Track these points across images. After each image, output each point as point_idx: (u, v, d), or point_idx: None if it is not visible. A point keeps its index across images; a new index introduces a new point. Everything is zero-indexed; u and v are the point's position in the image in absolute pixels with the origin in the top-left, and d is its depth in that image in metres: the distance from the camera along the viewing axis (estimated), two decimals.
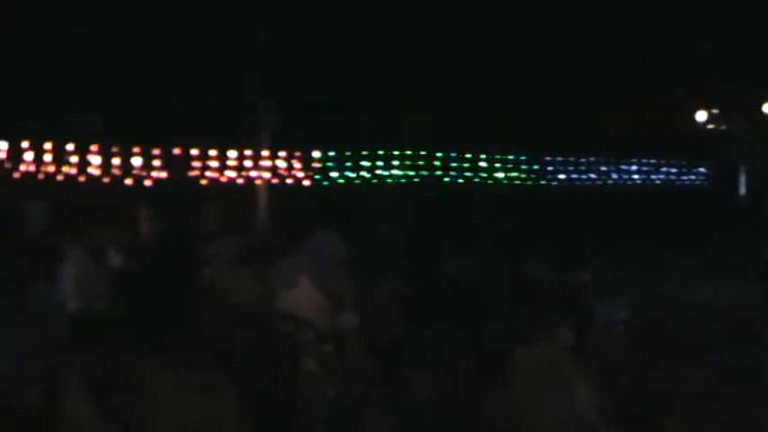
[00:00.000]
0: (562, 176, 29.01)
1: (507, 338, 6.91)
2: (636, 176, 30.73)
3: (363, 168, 25.23)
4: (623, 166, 30.32)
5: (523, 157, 27.83)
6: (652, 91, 27.08)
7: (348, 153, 24.85)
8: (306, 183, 24.40)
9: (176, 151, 23.16)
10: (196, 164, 23.39)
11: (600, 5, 23.92)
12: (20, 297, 9.56)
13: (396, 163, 25.52)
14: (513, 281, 9.54)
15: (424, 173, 26.01)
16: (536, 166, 28.28)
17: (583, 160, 29.32)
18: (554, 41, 24.92)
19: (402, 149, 25.46)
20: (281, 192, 23.34)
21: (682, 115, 28.05)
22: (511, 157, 27.54)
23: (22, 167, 21.76)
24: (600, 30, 24.66)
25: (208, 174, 23.46)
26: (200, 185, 23.11)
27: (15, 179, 21.39)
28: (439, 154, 26.20)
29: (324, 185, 24.55)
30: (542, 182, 28.39)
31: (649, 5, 24.79)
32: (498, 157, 27.23)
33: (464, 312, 8.34)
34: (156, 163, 22.90)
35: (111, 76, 21.10)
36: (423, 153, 25.88)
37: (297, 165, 24.37)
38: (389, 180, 25.28)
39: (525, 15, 23.39)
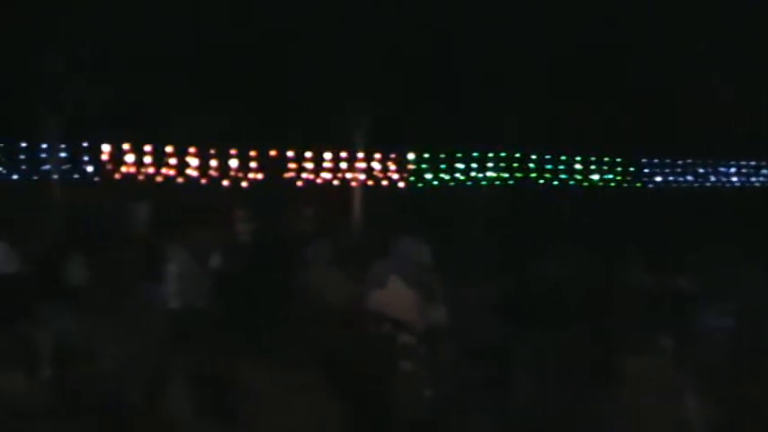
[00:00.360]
0: (658, 179, 28.45)
1: (609, 343, 6.77)
2: (734, 178, 29.99)
3: (458, 170, 25.23)
4: (721, 168, 29.63)
5: (619, 159, 27.40)
6: (751, 91, 26.38)
7: (442, 155, 24.87)
8: (400, 185, 24.50)
9: (272, 153, 23.44)
10: (292, 165, 23.61)
11: (700, 9, 23.42)
12: (124, 296, 9.71)
13: (490, 165, 25.40)
14: (610, 284, 9.35)
15: (519, 174, 25.90)
16: (632, 168, 27.80)
17: (680, 162, 28.74)
18: (649, 43, 24.47)
19: (496, 151, 25.34)
20: (376, 193, 23.32)
21: None
22: (606, 158, 27.16)
23: (124, 169, 22.29)
24: (698, 32, 24.15)
25: (304, 175, 23.65)
26: (297, 187, 23.27)
27: (119, 180, 21.92)
28: (534, 156, 26.08)
29: (418, 187, 24.56)
30: (638, 184, 27.90)
31: (754, 6, 24.14)
32: (594, 158, 26.89)
33: (561, 315, 8.19)
34: (253, 164, 23.21)
35: (206, 80, 21.37)
36: (517, 155, 25.75)
37: (392, 166, 24.47)
38: (484, 182, 25.19)
39: (615, 18, 22.98)
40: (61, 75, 19.01)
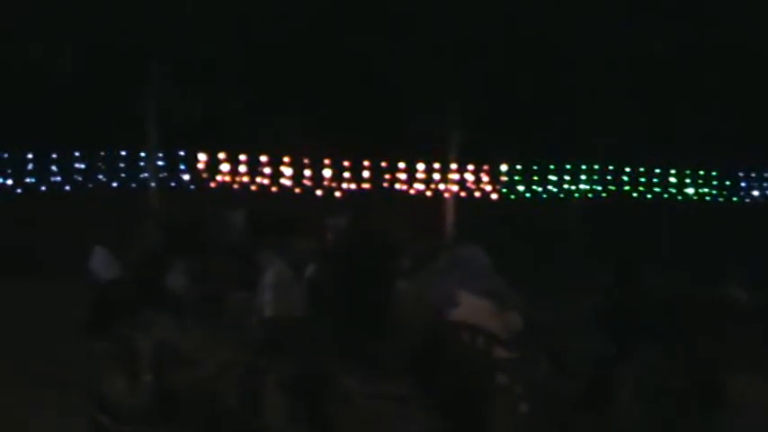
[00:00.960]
0: (756, 193, 27.65)
1: (714, 362, 6.53)
2: None
3: (551, 182, 24.98)
4: None
5: (715, 173, 26.74)
6: None
7: (535, 166, 24.64)
8: (493, 196, 24.35)
9: (365, 163, 23.55)
10: (386, 176, 23.71)
11: None
12: (221, 304, 9.81)
13: (583, 177, 25.07)
14: (707, 301, 9.05)
15: (612, 187, 25.47)
16: (728, 182, 27.09)
17: None
18: (749, 53, 23.82)
19: (590, 163, 25.00)
20: (468, 204, 23.25)
21: None
22: (701, 172, 26.53)
23: (219, 178, 22.63)
24: None
25: (397, 186, 23.70)
26: (390, 197, 23.33)
27: (213, 189, 22.26)
28: (627, 168, 25.63)
29: (511, 199, 24.35)
30: (735, 198, 27.17)
31: None
32: (689, 172, 26.30)
33: (658, 333, 7.96)
34: (347, 174, 23.36)
35: (307, 90, 21.60)
36: (611, 167, 25.34)
37: (484, 178, 24.34)
38: (576, 194, 24.86)
39: (707, 29, 22.40)
40: (160, 84, 19.39)
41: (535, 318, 7.48)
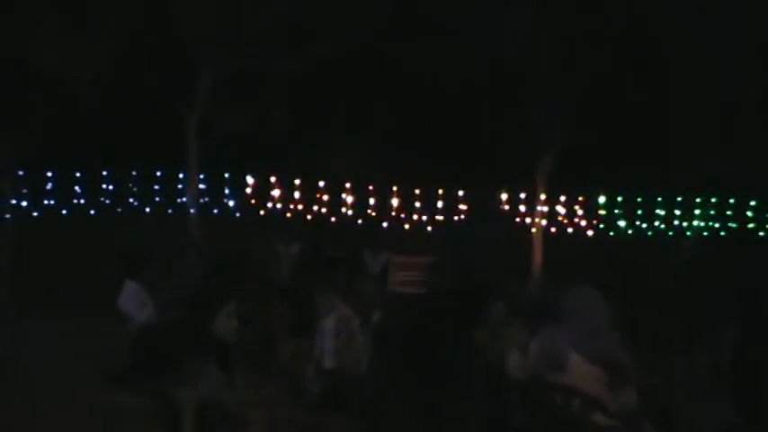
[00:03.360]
0: None
1: None
2: None
3: (658, 217, 24.74)
4: None
5: None
6: None
7: (640, 199, 24.46)
8: (589, 232, 24.21)
9: (439, 191, 23.57)
10: (462, 206, 23.70)
11: None
12: (271, 353, 9.86)
13: (698, 212, 24.76)
14: None
15: (733, 224, 25.13)
16: None
17: None
18: None
19: (706, 195, 24.75)
20: (560, 241, 23.12)
21: None
22: None
23: (270, 204, 22.78)
24: None
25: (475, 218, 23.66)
26: (466, 231, 23.30)
27: (263, 217, 22.41)
28: (752, 202, 25.25)
29: (610, 236, 24.19)
30: None
31: None
32: None
33: None
34: (417, 204, 23.39)
35: (374, 109, 21.79)
36: (731, 200, 24.99)
37: (579, 211, 24.19)
38: (688, 232, 24.60)
39: None
40: (204, 94, 19.61)
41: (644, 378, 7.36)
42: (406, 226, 23.45)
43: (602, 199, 24.25)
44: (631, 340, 8.17)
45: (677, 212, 24.77)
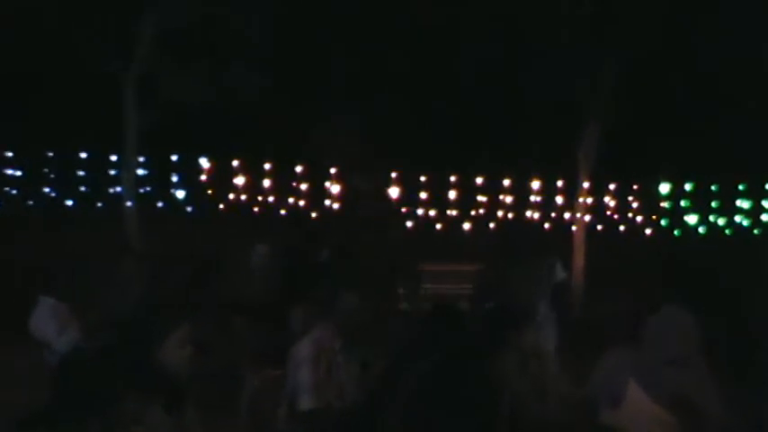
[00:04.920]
0: None
1: None
2: None
3: (739, 211, 24.88)
4: None
5: None
6: None
7: (715, 187, 24.44)
8: (647, 231, 24.22)
9: (452, 179, 23.66)
10: (479, 197, 23.81)
11: None
12: (234, 388, 9.81)
13: None
14: None
15: None
16: None
17: None
18: None
19: None
20: (609, 241, 23.21)
21: None
22: None
23: (232, 196, 22.77)
24: None
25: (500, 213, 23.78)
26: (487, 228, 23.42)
27: (223, 212, 22.36)
28: None
29: (675, 235, 24.23)
30: None
31: None
32: None
33: None
34: (424, 195, 23.48)
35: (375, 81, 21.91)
36: None
37: (634, 203, 24.25)
38: None
39: None
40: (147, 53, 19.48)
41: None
42: (409, 223, 23.43)
43: (664, 188, 24.25)
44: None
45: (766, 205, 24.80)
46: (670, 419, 6.90)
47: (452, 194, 24.21)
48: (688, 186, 24.55)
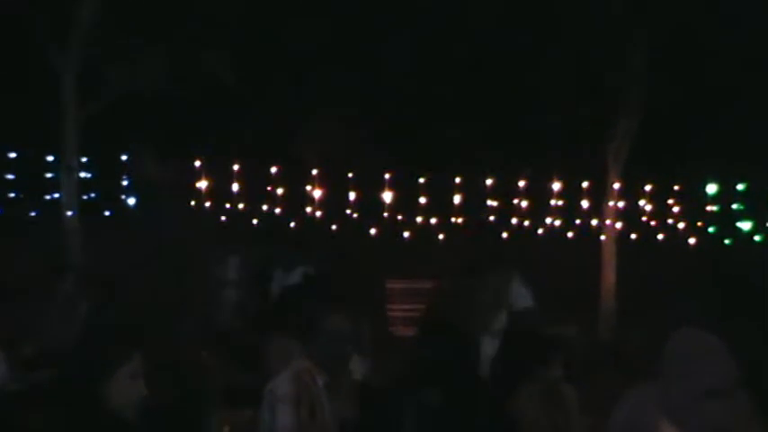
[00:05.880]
0: None
1: None
2: None
3: None
4: None
5: None
6: None
7: None
8: (691, 240, 24.22)
9: (457, 180, 23.68)
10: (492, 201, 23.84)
11: None
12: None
13: None
14: None
15: None
16: None
17: None
18: None
19: None
20: (645, 252, 23.19)
21: None
22: None
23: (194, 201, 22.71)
24: None
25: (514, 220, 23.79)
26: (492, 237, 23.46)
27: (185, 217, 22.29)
28: None
29: (725, 244, 24.19)
30: None
31: None
32: None
33: None
34: (423, 200, 23.49)
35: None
36: None
37: (675, 208, 24.23)
38: None
39: None
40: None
41: None
42: (406, 234, 23.40)
43: (711, 188, 24.20)
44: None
45: None
46: None
47: (457, 199, 24.01)
48: (740, 186, 24.41)
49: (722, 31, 20.34)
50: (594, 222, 23.62)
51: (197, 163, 22.76)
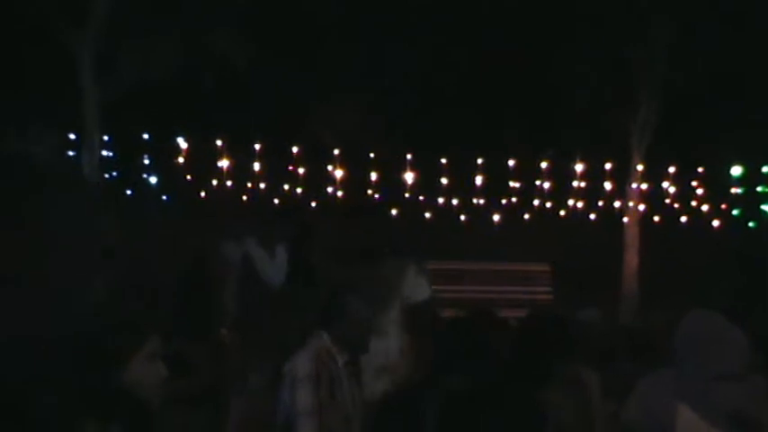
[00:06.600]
0: None
1: None
2: None
3: None
4: None
5: None
6: None
7: None
8: (715, 223, 24.14)
9: (479, 161, 23.61)
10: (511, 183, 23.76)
11: None
12: (215, 410, 9.65)
13: None
14: None
15: None
16: None
17: None
18: None
19: None
20: (668, 235, 23.14)
21: None
22: None
23: (214, 181, 22.66)
24: None
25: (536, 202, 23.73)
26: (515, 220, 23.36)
27: (200, 198, 22.20)
28: None
29: (750, 228, 24.13)
30: None
31: None
32: None
33: None
34: (445, 180, 23.42)
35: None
36: None
37: (699, 190, 24.12)
38: None
39: None
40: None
41: None
42: (428, 214, 23.32)
43: (736, 170, 24.08)
44: None
45: None
46: None
47: (479, 180, 23.96)
48: (765, 169, 24.26)
49: (747, 5, 20.26)
50: (617, 204, 23.51)
51: (218, 143, 22.78)
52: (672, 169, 24.22)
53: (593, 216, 24.35)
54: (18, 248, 13.73)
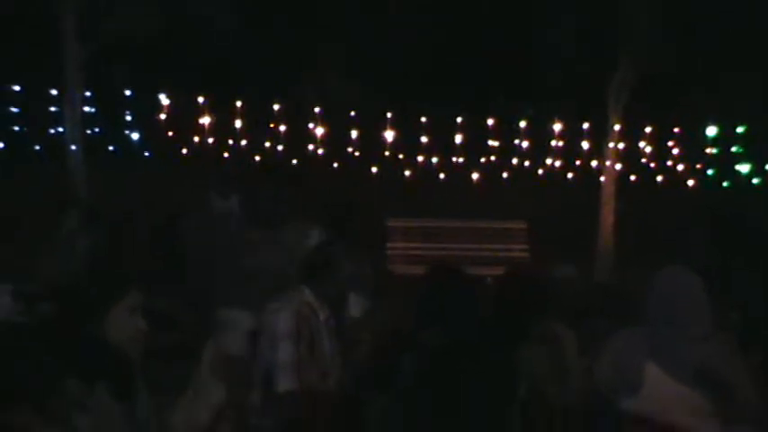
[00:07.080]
0: None
1: None
2: None
3: None
4: None
5: None
6: None
7: None
8: (690, 182, 24.22)
9: (459, 120, 23.64)
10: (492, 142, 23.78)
11: None
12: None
13: None
14: None
15: None
16: None
17: None
18: None
19: None
20: (644, 193, 23.35)
21: None
22: None
23: (198, 139, 22.67)
24: None
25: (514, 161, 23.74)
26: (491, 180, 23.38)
27: (187, 158, 22.21)
28: None
29: (723, 187, 24.16)
30: None
31: None
32: None
33: None
34: (425, 139, 23.40)
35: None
36: None
37: (674, 150, 24.16)
38: None
39: None
40: None
41: None
42: (407, 172, 23.37)
43: (711, 131, 24.14)
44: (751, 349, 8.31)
45: None
46: (698, 401, 6.95)
47: (458, 139, 23.99)
48: (740, 129, 24.32)
49: None
50: (594, 163, 23.58)
51: (200, 99, 22.76)
52: (648, 129, 24.29)
53: (570, 175, 24.38)
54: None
